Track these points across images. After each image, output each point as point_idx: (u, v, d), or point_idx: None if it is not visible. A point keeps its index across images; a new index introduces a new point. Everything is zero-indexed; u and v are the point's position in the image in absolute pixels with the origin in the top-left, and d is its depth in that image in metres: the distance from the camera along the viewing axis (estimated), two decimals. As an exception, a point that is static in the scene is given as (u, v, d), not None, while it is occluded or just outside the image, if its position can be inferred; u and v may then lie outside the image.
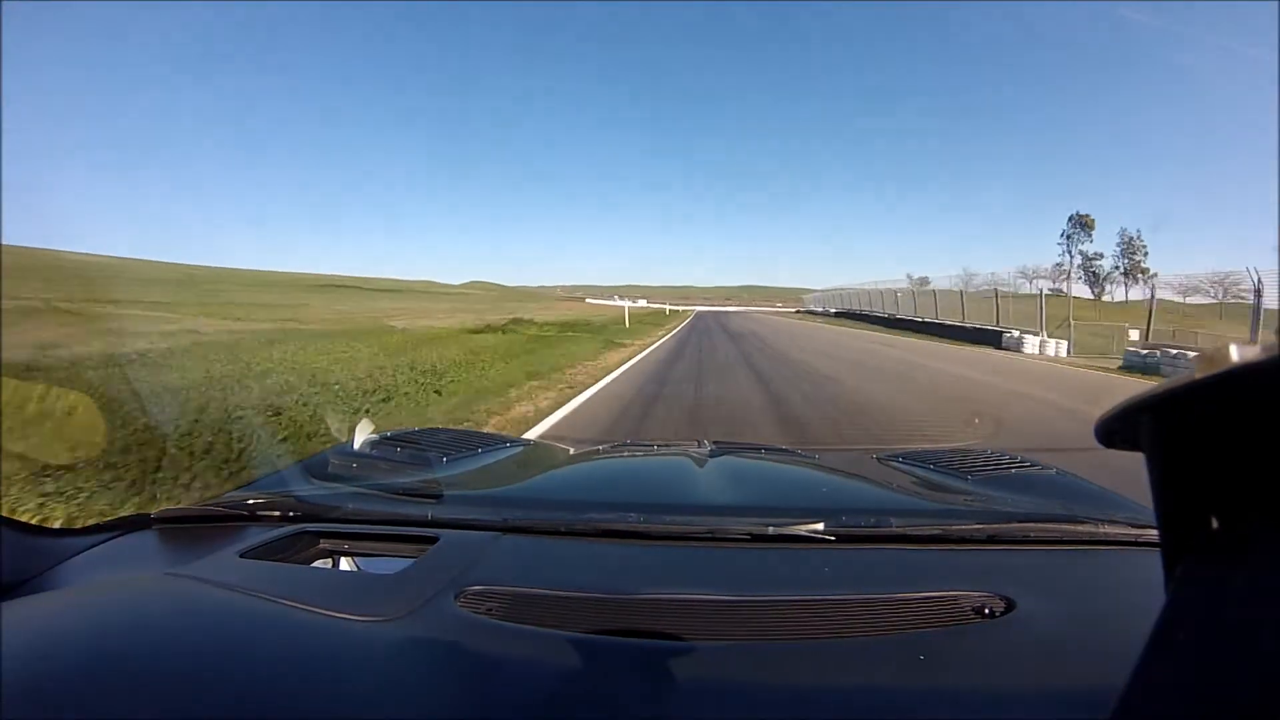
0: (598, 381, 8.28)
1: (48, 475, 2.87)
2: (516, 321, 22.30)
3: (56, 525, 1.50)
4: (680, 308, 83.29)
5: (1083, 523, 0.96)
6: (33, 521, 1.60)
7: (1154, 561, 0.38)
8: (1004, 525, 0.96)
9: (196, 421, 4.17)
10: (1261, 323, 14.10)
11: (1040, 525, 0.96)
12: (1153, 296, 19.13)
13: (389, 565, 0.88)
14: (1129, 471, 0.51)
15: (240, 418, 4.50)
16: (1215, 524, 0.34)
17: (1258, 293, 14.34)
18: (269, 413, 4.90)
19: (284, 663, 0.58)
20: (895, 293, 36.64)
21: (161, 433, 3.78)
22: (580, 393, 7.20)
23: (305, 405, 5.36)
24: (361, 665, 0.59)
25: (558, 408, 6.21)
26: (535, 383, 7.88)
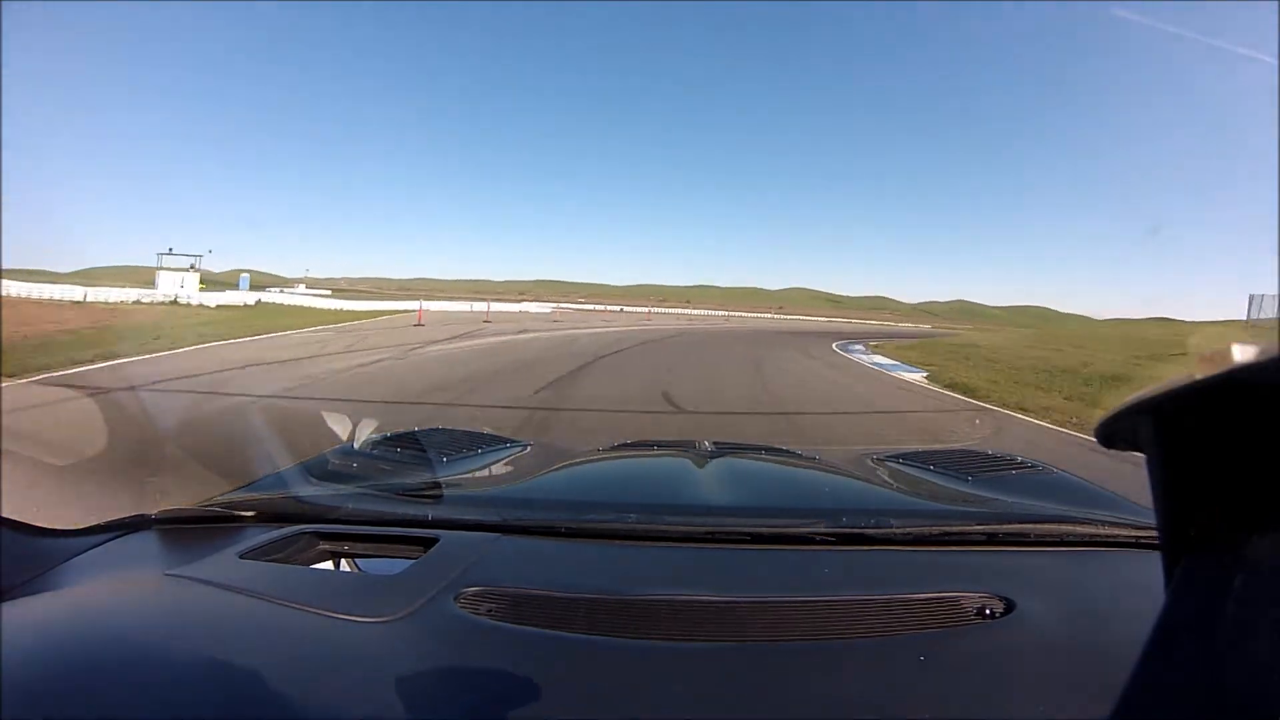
0: None
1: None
2: None
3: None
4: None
5: (1083, 523, 0.96)
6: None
7: (1154, 561, 0.38)
8: (1004, 526, 0.96)
9: None
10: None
11: (1040, 526, 0.96)
12: None
13: (389, 566, 0.88)
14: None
15: None
16: (1215, 524, 0.34)
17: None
18: None
19: (284, 664, 0.58)
20: None
21: None
22: None
23: None
24: (361, 666, 0.59)
25: None
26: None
